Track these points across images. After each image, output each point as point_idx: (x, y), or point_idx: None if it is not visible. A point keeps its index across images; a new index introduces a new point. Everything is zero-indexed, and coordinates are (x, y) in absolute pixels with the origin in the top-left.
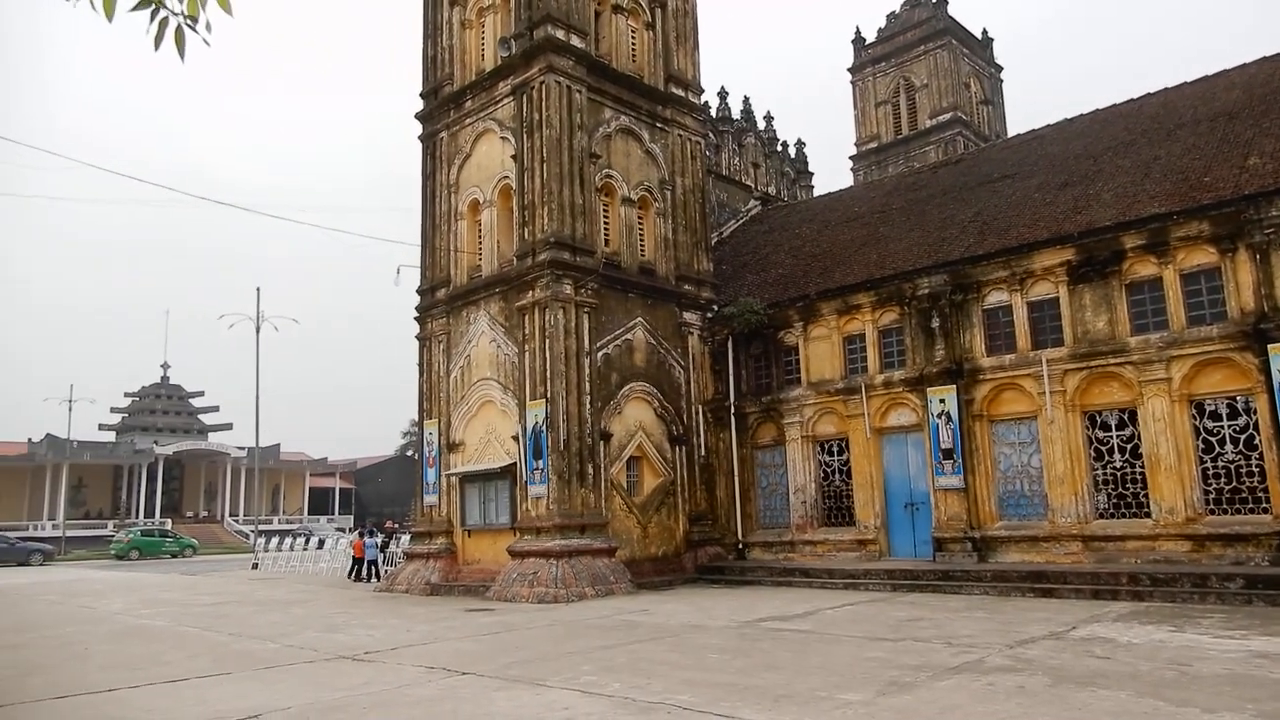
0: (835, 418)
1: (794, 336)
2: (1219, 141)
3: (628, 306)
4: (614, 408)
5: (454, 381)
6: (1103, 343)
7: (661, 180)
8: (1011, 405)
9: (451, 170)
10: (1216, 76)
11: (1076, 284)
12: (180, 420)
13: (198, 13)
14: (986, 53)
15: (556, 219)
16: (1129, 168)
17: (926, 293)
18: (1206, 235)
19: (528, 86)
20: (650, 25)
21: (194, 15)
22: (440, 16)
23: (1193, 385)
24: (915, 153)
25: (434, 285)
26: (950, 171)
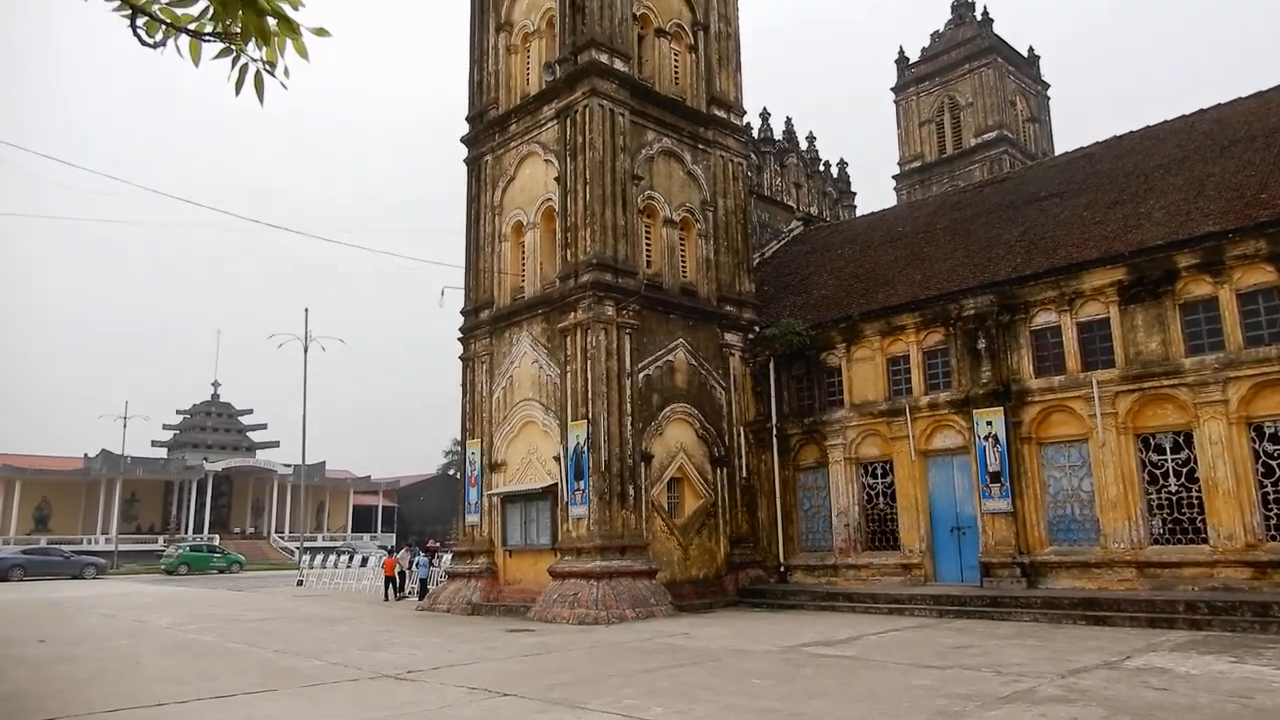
0: (879, 440)
1: (836, 358)
2: (1275, 158)
3: (669, 328)
4: (655, 429)
5: (496, 402)
6: (1156, 364)
7: (703, 201)
8: (1061, 428)
9: (496, 192)
10: (1271, 92)
11: (1128, 304)
12: (229, 437)
13: (276, 59)
14: (1033, 70)
15: (599, 240)
16: (1181, 185)
17: (972, 313)
18: (1264, 254)
19: (571, 110)
20: (693, 48)
21: (273, 62)
22: (486, 42)
23: (1251, 407)
24: (960, 172)
25: (477, 306)
26: (996, 190)
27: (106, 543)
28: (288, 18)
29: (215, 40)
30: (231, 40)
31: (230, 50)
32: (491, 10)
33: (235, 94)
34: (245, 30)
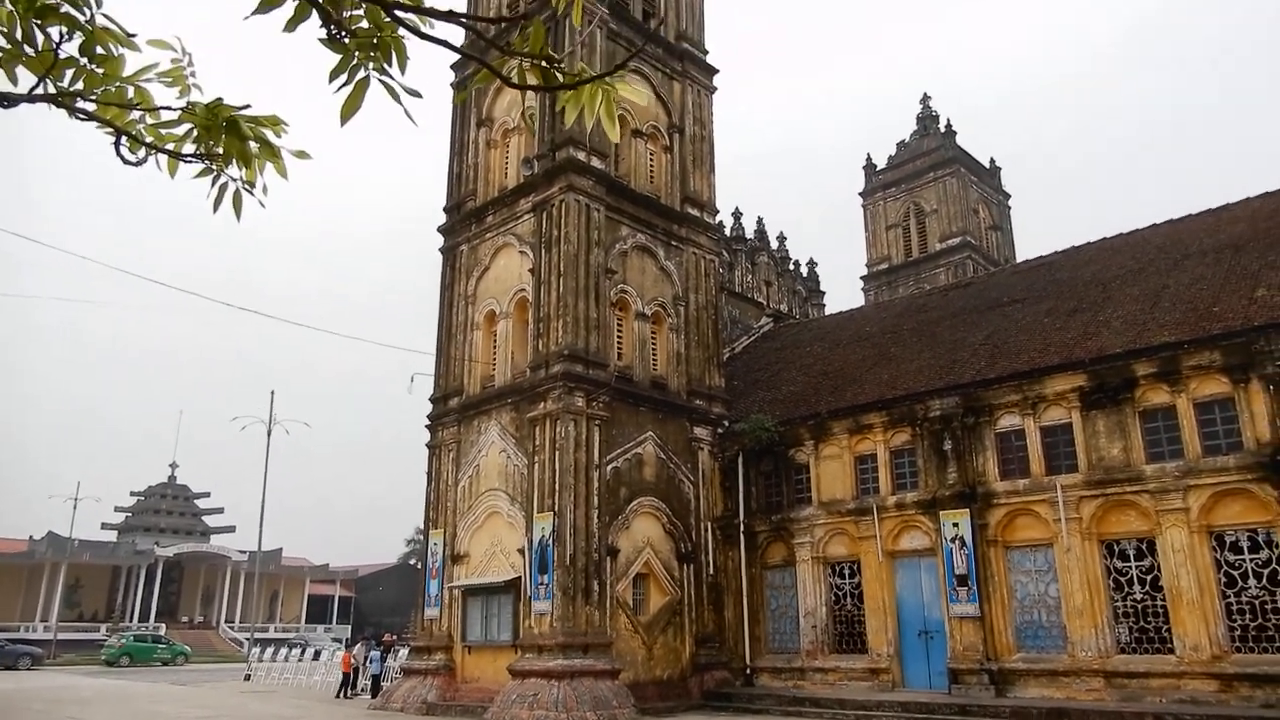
0: (847, 539)
1: (805, 455)
2: (1226, 273)
3: (639, 420)
4: (622, 523)
5: (462, 491)
6: (1118, 470)
7: (675, 296)
8: (1027, 531)
9: (470, 282)
10: (1221, 210)
11: (1089, 410)
12: (184, 521)
13: (256, 179)
14: (994, 180)
15: (571, 332)
16: (1138, 296)
17: (938, 414)
18: (1218, 365)
19: (548, 204)
20: (668, 149)
21: (252, 181)
22: (467, 136)
23: (1211, 516)
24: (925, 275)
25: (447, 394)
26: (961, 294)
27: (45, 630)
28: (269, 142)
29: (195, 160)
30: (213, 160)
31: (210, 169)
32: (473, 106)
33: (213, 211)
34: (227, 152)
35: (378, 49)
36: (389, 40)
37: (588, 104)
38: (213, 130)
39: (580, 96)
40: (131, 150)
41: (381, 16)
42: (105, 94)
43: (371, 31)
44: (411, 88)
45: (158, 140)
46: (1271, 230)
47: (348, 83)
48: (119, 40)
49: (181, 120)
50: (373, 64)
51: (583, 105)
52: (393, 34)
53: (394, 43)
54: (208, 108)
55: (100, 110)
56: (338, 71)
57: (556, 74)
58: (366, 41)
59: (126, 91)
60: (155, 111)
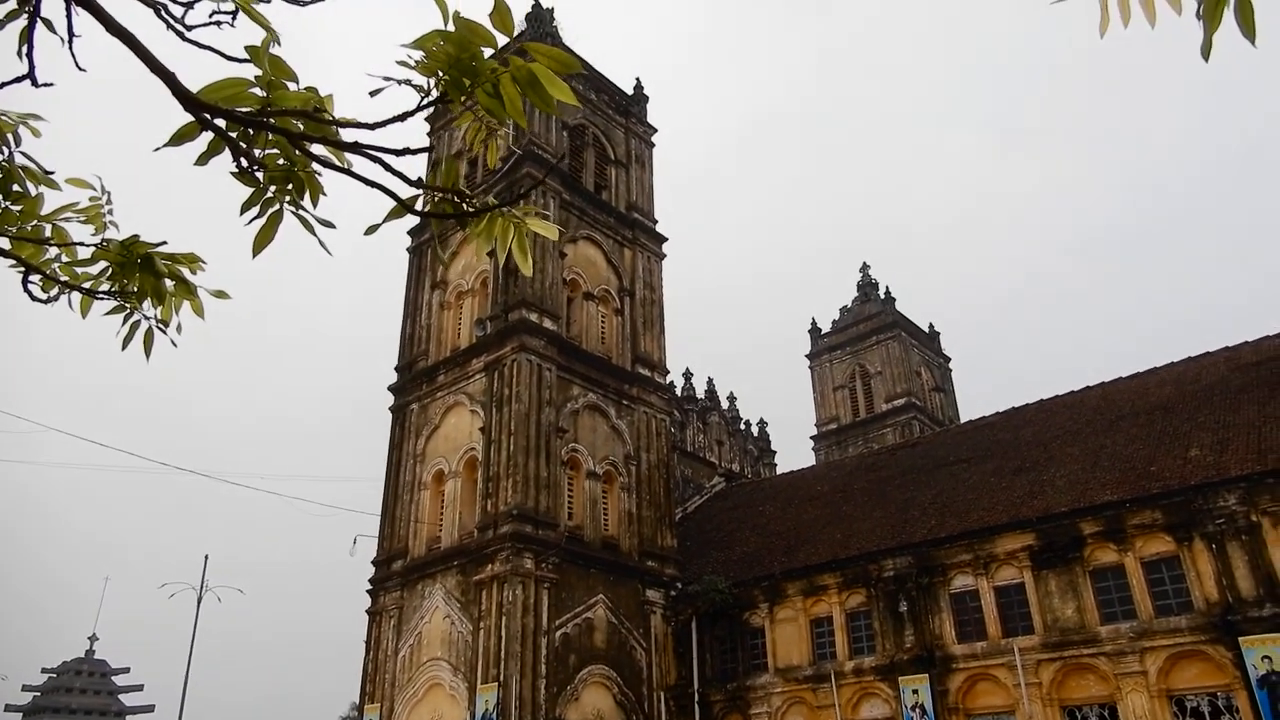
0: (805, 708)
1: (760, 618)
2: (1159, 433)
3: (589, 583)
4: (570, 693)
5: (402, 661)
6: (1074, 631)
7: (627, 455)
8: (988, 698)
9: (419, 441)
10: (1148, 373)
11: (1041, 569)
12: (98, 700)
13: (170, 317)
14: (934, 344)
15: (521, 491)
16: (1078, 455)
17: (892, 574)
18: (1161, 524)
19: (500, 364)
20: (619, 311)
21: (166, 320)
22: (421, 298)
23: (1170, 679)
24: (873, 434)
25: (390, 556)
26: (908, 454)
27: None
28: (185, 279)
29: (108, 298)
30: (126, 299)
31: (124, 307)
32: (429, 270)
33: (122, 349)
34: (141, 290)
35: (291, 183)
36: (302, 175)
37: (500, 236)
38: (127, 267)
39: (492, 229)
40: (44, 289)
41: (294, 151)
42: (21, 231)
43: (285, 166)
44: (324, 219)
45: (72, 279)
46: (1196, 393)
47: (260, 215)
48: (37, 179)
49: (96, 258)
50: (287, 197)
51: (495, 238)
52: (305, 168)
53: (307, 178)
54: (123, 244)
55: (15, 247)
56: (249, 205)
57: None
58: (279, 176)
59: (43, 230)
60: (71, 249)
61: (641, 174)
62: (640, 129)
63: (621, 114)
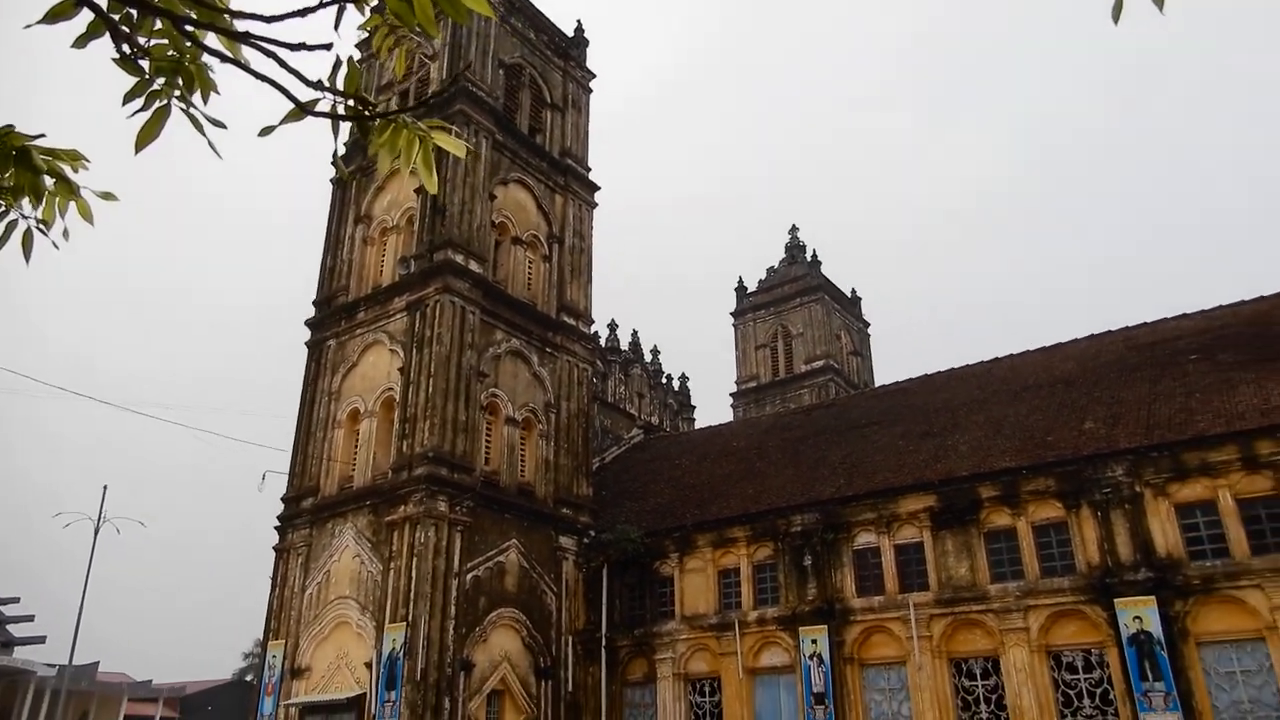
0: (708, 655)
1: (670, 567)
2: (1058, 406)
3: (503, 528)
4: (479, 635)
5: (309, 599)
6: (965, 589)
7: (547, 403)
8: (882, 649)
9: (335, 378)
10: (1054, 348)
11: (939, 530)
12: None
13: (53, 218)
14: (855, 309)
15: (438, 434)
16: (982, 423)
17: (799, 530)
18: (1053, 490)
19: (423, 304)
20: (547, 258)
21: (48, 220)
22: (344, 231)
23: (1050, 636)
24: (791, 394)
25: (300, 494)
26: (823, 415)
27: None
28: (66, 178)
29: None
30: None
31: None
32: (352, 202)
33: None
34: (17, 185)
35: (179, 75)
36: (191, 67)
37: (405, 150)
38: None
39: (396, 141)
40: None
41: (182, 41)
42: None
43: (173, 58)
44: (215, 118)
45: None
46: (1097, 369)
47: (145, 108)
48: None
49: None
50: (176, 91)
51: (399, 151)
52: (194, 60)
53: (196, 70)
54: None
55: None
56: (132, 95)
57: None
58: (167, 67)
59: None
60: None
61: (578, 119)
62: (579, 73)
63: (560, 56)
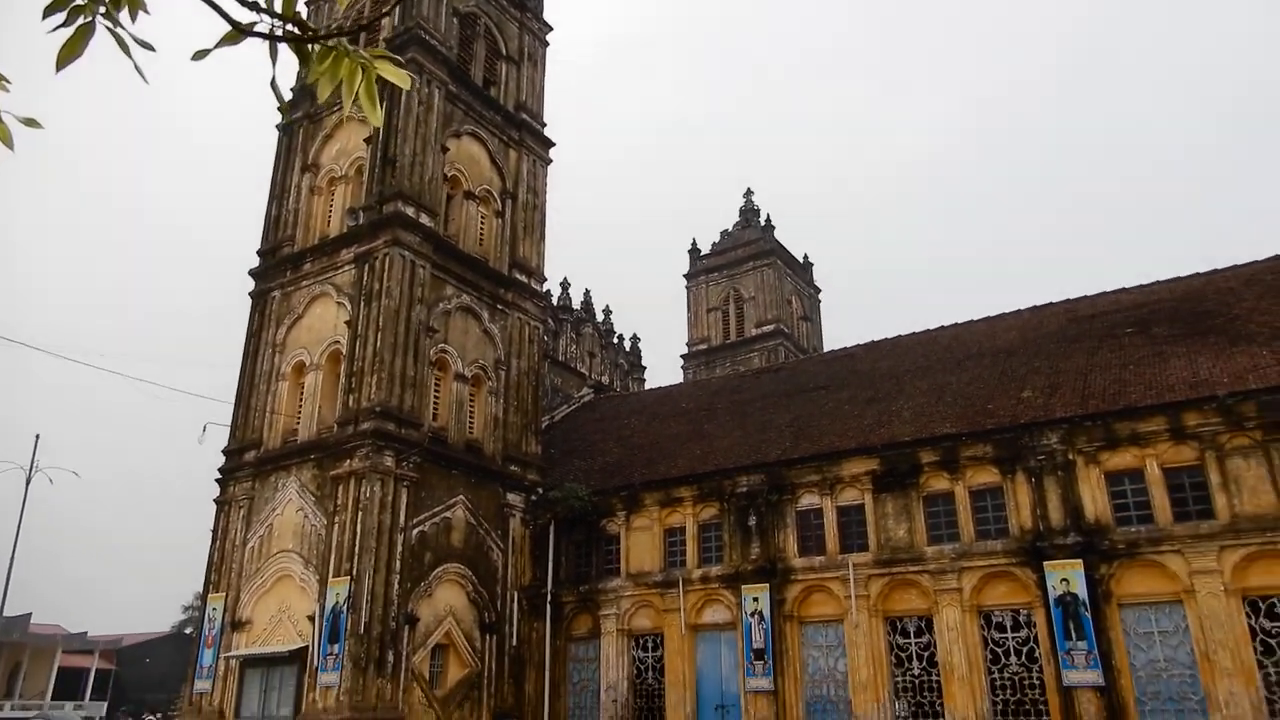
0: (652, 611)
1: (616, 525)
2: (999, 374)
3: (450, 484)
4: (424, 589)
5: (250, 552)
6: (903, 551)
7: (497, 360)
8: (821, 607)
9: (280, 330)
10: (997, 318)
11: (880, 493)
12: None
13: None
14: (807, 275)
15: (385, 388)
16: (925, 390)
17: (745, 490)
18: (990, 457)
19: (371, 256)
20: (500, 214)
21: None
22: (290, 180)
23: (981, 596)
24: (741, 357)
25: (243, 446)
26: (772, 378)
27: None
28: None
29: None
30: None
31: None
32: (299, 150)
33: None
34: None
35: None
36: None
37: (347, 79)
38: None
39: (338, 69)
40: None
41: None
42: None
43: None
44: (143, 39)
45: None
46: (1037, 340)
47: (67, 24)
48: None
49: None
50: (102, 8)
51: (341, 80)
52: None
53: None
54: None
55: None
56: (53, 9)
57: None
58: None
59: None
60: None
61: (533, 73)
62: (535, 25)
63: (516, 6)
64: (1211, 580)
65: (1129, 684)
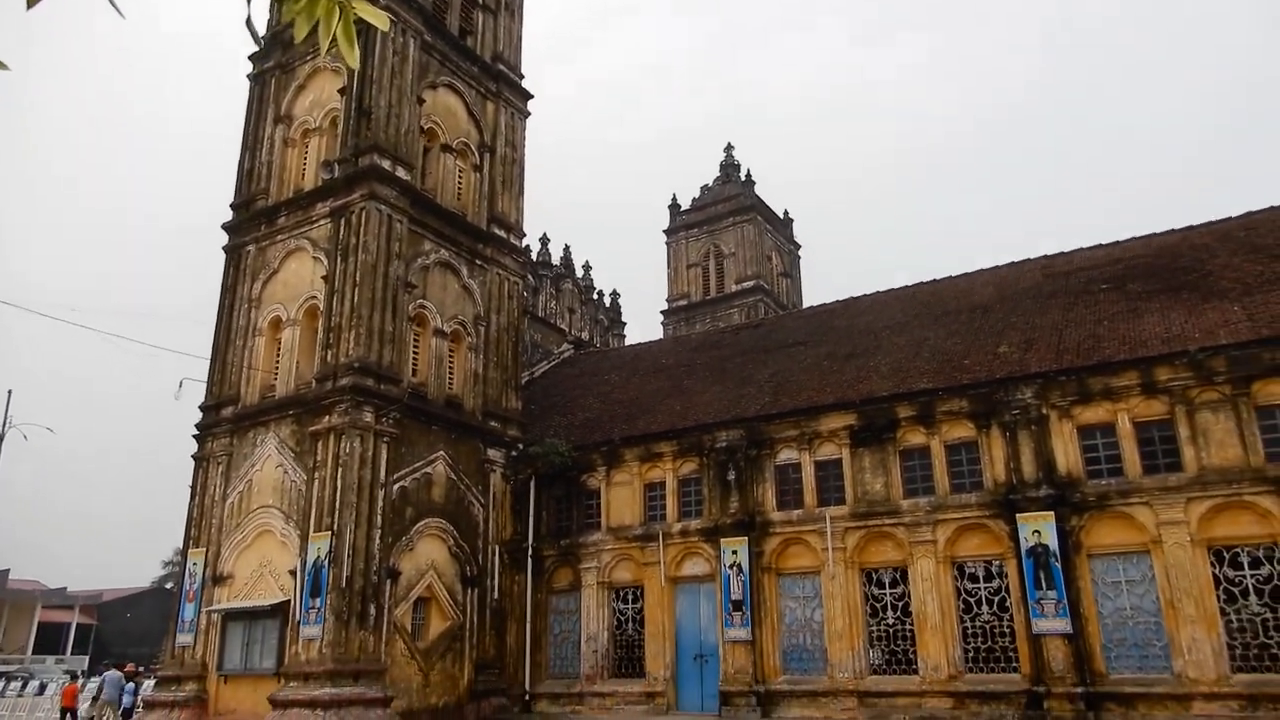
0: (632, 565)
1: (597, 480)
2: (976, 330)
3: (430, 439)
4: (406, 544)
5: (230, 508)
6: (879, 504)
7: (477, 315)
8: (798, 560)
9: (255, 285)
10: (975, 274)
11: (858, 447)
12: None
13: None
14: (787, 231)
15: (363, 344)
16: (903, 345)
17: (724, 445)
18: (966, 411)
19: (347, 210)
20: (478, 167)
21: None
22: (263, 131)
23: (955, 548)
24: (721, 313)
25: (220, 402)
26: (751, 334)
27: None
28: None
29: None
30: None
31: None
32: (271, 101)
33: None
34: None
35: None
36: None
37: (324, 19)
38: None
39: (314, 9)
40: None
41: None
42: None
43: None
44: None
45: None
46: (1015, 295)
47: None
48: None
49: None
50: None
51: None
52: None
53: None
54: None
55: None
56: None
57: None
58: None
59: None
60: None
61: (511, 23)
62: None
63: None
64: (1178, 531)
65: (1096, 631)
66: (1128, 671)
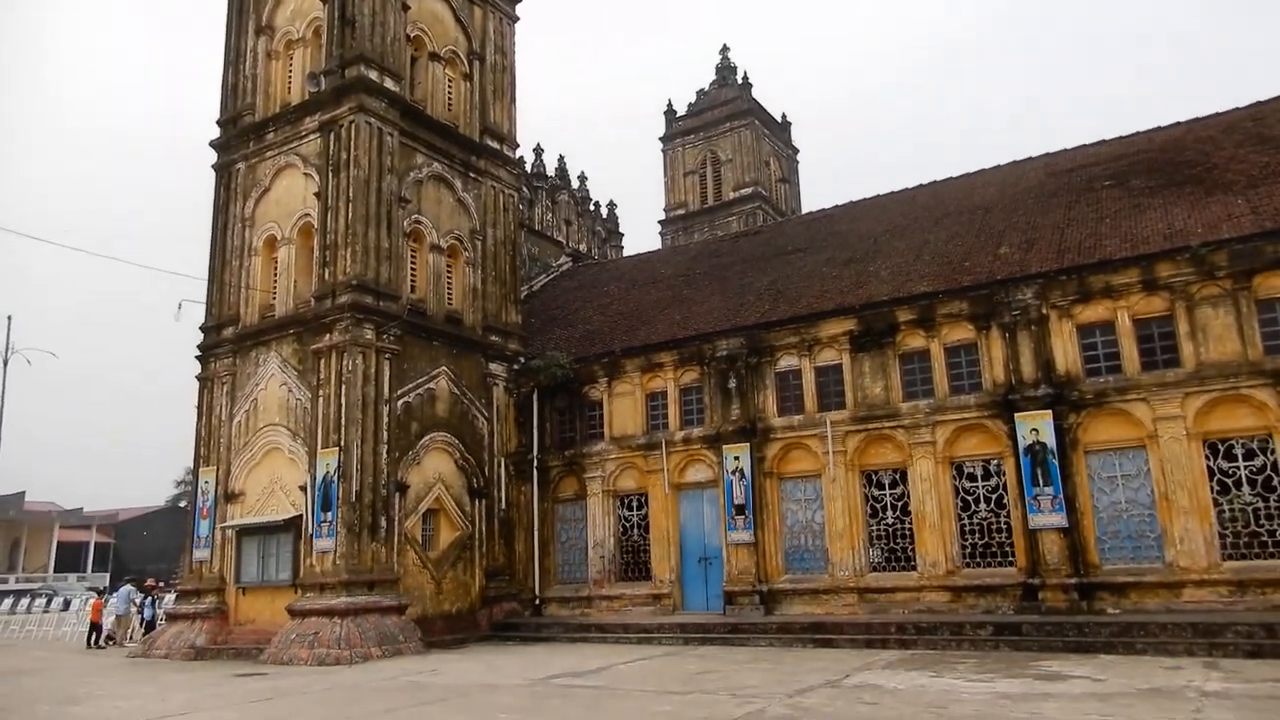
0: (636, 473)
1: (599, 392)
2: (977, 231)
3: (432, 355)
4: (413, 458)
5: (237, 427)
6: (879, 407)
7: (473, 230)
8: (799, 464)
9: (248, 204)
10: (976, 174)
11: (858, 352)
12: None
13: None
14: (785, 135)
15: (360, 261)
16: (903, 249)
17: (725, 354)
18: (966, 314)
19: (336, 124)
20: (468, 76)
21: None
22: (244, 44)
23: (954, 448)
24: (719, 222)
25: (220, 323)
26: (750, 242)
27: None
28: None
29: None
30: None
31: None
32: (251, 12)
33: None
34: None
35: None
36: None
37: None
38: None
39: None
40: None
41: None
42: None
43: None
44: None
45: None
46: (1016, 195)
47: None
48: None
49: None
50: None
51: None
52: None
53: None
54: None
55: None
56: None
57: None
58: None
59: None
60: None
61: None
62: None
63: None
64: (1174, 425)
65: (1091, 524)
66: (1121, 562)
